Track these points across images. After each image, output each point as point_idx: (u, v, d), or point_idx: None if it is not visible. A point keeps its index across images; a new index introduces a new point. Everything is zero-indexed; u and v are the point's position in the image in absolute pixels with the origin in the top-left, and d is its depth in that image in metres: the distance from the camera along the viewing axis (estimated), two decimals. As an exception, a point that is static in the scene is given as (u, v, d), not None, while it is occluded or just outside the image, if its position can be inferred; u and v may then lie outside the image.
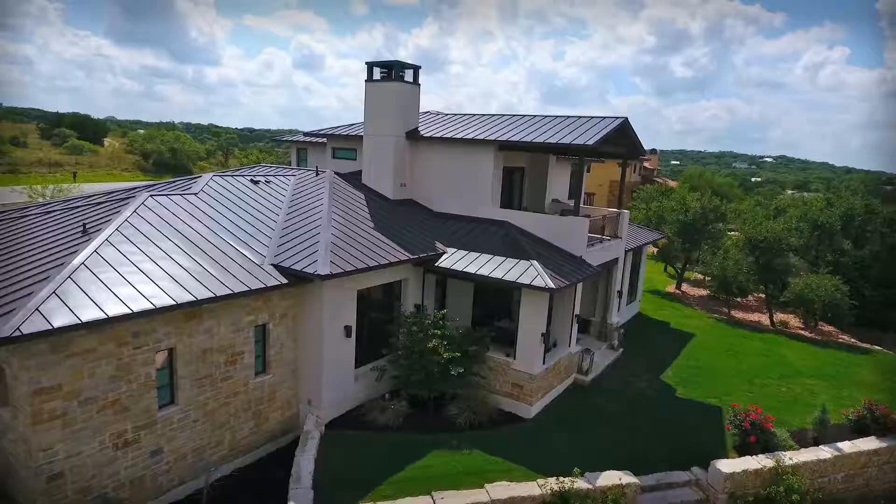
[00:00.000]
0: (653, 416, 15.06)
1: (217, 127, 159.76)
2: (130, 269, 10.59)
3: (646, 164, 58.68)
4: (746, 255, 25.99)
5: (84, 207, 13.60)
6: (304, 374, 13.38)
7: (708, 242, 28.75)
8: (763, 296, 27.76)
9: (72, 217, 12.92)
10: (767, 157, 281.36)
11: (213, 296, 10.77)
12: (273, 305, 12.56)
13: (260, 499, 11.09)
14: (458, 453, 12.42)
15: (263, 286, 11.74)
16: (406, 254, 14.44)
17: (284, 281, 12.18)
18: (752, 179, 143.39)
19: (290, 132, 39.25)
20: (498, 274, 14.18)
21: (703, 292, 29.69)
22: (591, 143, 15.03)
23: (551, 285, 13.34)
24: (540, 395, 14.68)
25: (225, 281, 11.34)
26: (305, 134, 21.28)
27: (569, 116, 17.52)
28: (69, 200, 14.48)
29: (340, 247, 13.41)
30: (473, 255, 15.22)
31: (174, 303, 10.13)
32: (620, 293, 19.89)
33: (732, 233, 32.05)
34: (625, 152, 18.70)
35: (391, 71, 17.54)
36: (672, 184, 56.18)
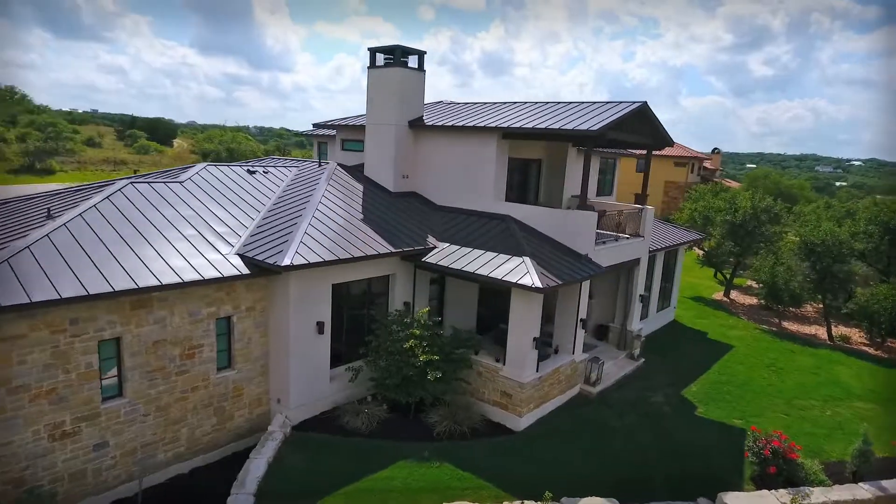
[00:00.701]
0: (663, 436, 13.34)
1: (287, 130, 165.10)
2: (78, 255, 10.21)
3: (706, 164, 54.94)
4: (801, 261, 23.28)
5: (68, 194, 13.55)
6: (274, 371, 12.69)
7: (760, 246, 26.08)
8: (822, 306, 24.83)
9: (51, 203, 12.83)
10: (856, 160, 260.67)
11: (158, 284, 10.21)
12: (238, 297, 11.92)
13: (202, 502, 10.40)
14: (426, 466, 11.31)
15: (219, 276, 11.11)
16: (387, 247, 13.48)
17: (245, 272, 11.52)
18: (837, 184, 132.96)
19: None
20: (484, 271, 12.96)
21: (754, 301, 26.97)
22: (595, 128, 13.52)
23: (538, 284, 11.98)
24: (532, 405, 13.30)
25: (178, 269, 10.79)
26: (314, 125, 20.79)
27: (582, 102, 16.01)
28: (60, 191, 14.50)
29: (316, 238, 12.64)
30: (464, 250, 14.06)
31: (111, 290, 9.62)
32: (644, 298, 18.07)
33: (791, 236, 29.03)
34: (649, 142, 16.94)
35: (394, 56, 16.64)
36: (733, 185, 52.34)
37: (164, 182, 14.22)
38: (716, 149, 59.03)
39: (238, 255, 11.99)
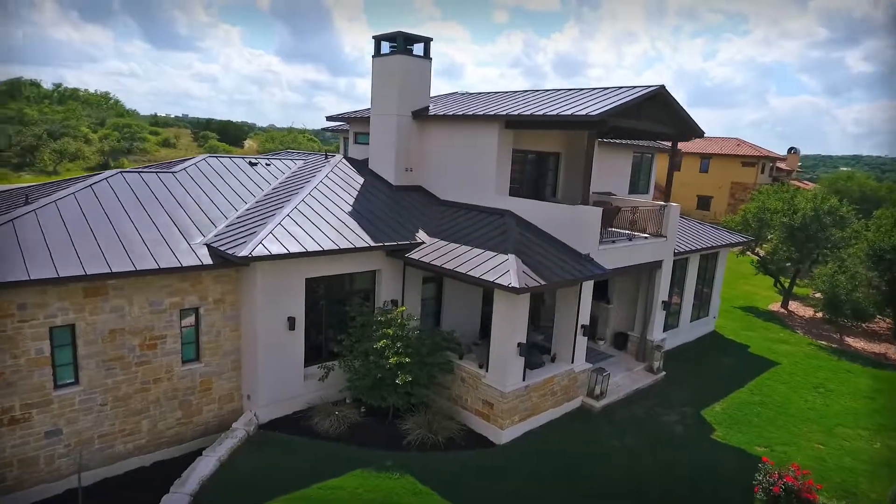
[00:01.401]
0: (665, 461, 11.80)
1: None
2: (35, 240, 10.17)
3: (779, 165, 50.59)
4: (869, 270, 20.50)
5: (67, 184, 13.80)
6: (245, 366, 12.28)
7: (823, 252, 23.30)
8: (893, 322, 21.80)
9: (41, 192, 13.07)
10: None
11: (108, 272, 9.99)
12: (205, 289, 11.58)
13: (144, 496, 10.04)
14: (384, 476, 10.47)
15: (177, 266, 10.79)
16: (366, 241, 12.76)
17: (208, 262, 11.14)
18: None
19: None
20: (464, 268, 11.96)
21: (816, 314, 24.12)
22: (594, 114, 12.17)
23: (515, 284, 10.84)
24: (516, 417, 12.14)
25: (135, 258, 10.55)
26: (327, 118, 20.44)
27: (597, 88, 14.61)
28: (62, 182, 14.84)
29: (289, 230, 12.12)
30: (451, 246, 13.11)
31: (55, 276, 9.47)
32: (667, 305, 16.32)
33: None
34: (672, 132, 15.27)
35: (396, 43, 15.92)
36: (807, 186, 47.85)
37: (155, 172, 14.22)
38: (792, 148, 54.24)
39: (206, 245, 11.66)
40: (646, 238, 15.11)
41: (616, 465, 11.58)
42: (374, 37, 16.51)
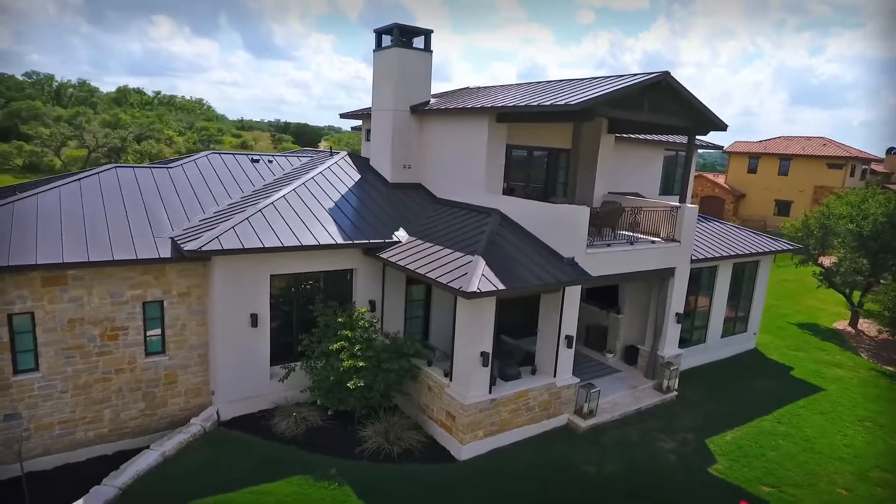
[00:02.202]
0: (648, 497, 10.46)
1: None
2: (2, 232, 10.55)
3: (875, 167, 45.23)
4: (950, 287, 17.54)
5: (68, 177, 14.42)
6: (211, 361, 12.21)
7: (900, 265, 20.29)
8: None
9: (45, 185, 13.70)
10: None
11: (61, 262, 10.17)
12: (169, 282, 11.61)
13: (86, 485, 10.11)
14: (323, 485, 9.95)
15: (132, 258, 10.85)
16: (332, 238, 12.32)
17: (165, 255, 11.13)
18: None
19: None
20: (424, 269, 11.21)
21: (882, 334, 21.04)
22: (573, 103, 11.02)
23: (467, 288, 9.96)
24: (480, 432, 11.22)
25: (92, 249, 10.71)
26: (341, 115, 20.25)
27: (599, 77, 13.36)
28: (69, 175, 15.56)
29: (255, 225, 11.91)
30: (425, 245, 12.39)
31: (6, 264, 9.74)
32: (681, 317, 14.66)
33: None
34: (685, 125, 13.68)
35: (392, 35, 15.42)
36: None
37: (149, 167, 14.57)
38: (892, 149, 48.31)
39: (171, 238, 11.69)
40: (653, 243, 13.63)
41: (589, 496, 10.39)
42: (374, 30, 16.10)
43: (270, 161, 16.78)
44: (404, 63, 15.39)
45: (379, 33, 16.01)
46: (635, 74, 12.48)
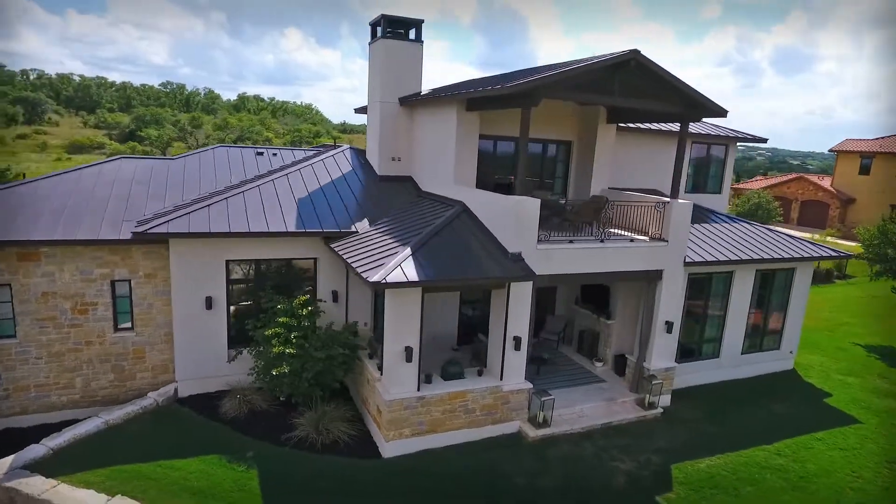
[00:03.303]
0: (568, 515, 9.47)
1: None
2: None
3: None
4: None
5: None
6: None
7: None
8: None
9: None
10: None
11: (32, 239, 11.22)
12: (135, 263, 12.39)
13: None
14: (232, 466, 10.08)
15: (94, 238, 11.70)
16: (285, 226, 12.46)
17: (125, 237, 11.86)
18: None
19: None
20: (352, 259, 10.98)
21: None
22: (508, 85, 10.22)
23: (371, 278, 9.59)
24: (406, 430, 10.78)
25: (63, 230, 11.70)
26: (356, 111, 20.43)
27: (575, 60, 12.33)
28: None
29: (214, 213, 12.39)
30: (376, 236, 12.16)
31: (-22, 239, 10.91)
32: (670, 325, 13.09)
33: None
34: (673, 110, 12.21)
35: (380, 27, 15.32)
36: None
37: (158, 159, 15.68)
38: None
39: (137, 221, 12.46)
40: (631, 241, 12.33)
41: (501, 507, 9.61)
42: (369, 23, 16.12)
43: (275, 154, 17.40)
44: (391, 55, 15.23)
45: (373, 25, 15.98)
46: (606, 56, 11.35)
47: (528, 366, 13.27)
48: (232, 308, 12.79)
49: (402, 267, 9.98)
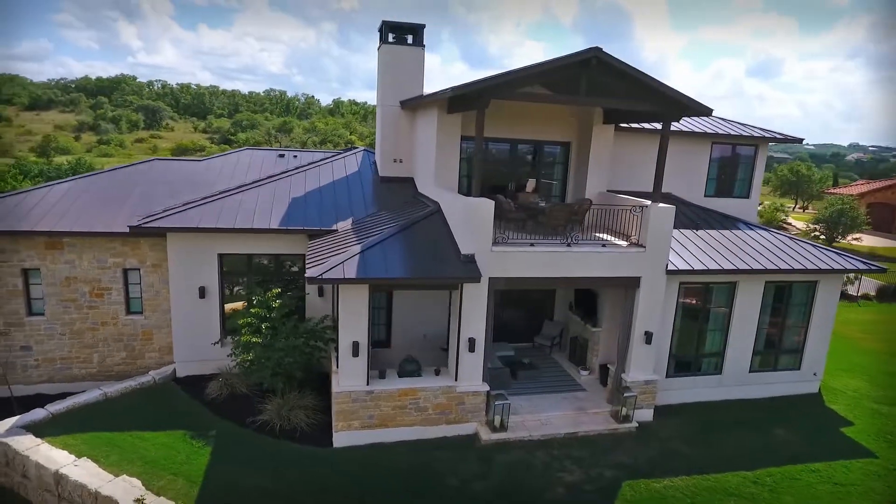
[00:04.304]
0: (490, 519, 9.39)
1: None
2: (36, 205, 13.73)
3: None
4: None
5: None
6: (177, 325, 14.13)
7: None
8: None
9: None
10: None
11: (54, 230, 12.90)
12: (143, 254, 13.79)
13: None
14: (191, 442, 11.00)
15: (106, 231, 13.18)
16: (268, 224, 13.28)
17: (124, 230, 13.19)
18: None
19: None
20: (312, 256, 11.52)
21: None
22: (446, 89, 10.26)
23: (309, 273, 10.08)
24: (355, 423, 11.16)
25: (82, 223, 13.30)
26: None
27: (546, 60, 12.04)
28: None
29: (209, 210, 13.49)
30: (347, 236, 12.64)
31: (19, 230, 12.72)
32: (649, 335, 12.38)
33: None
34: (658, 111, 11.57)
35: (382, 32, 15.81)
36: None
37: (187, 160, 17.25)
38: None
39: (143, 217, 13.84)
40: (603, 246, 11.86)
41: (427, 505, 9.72)
42: (378, 29, 16.65)
43: (295, 156, 18.48)
44: (392, 59, 15.67)
45: (379, 31, 16.51)
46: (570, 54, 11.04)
47: (505, 370, 13.27)
48: (224, 297, 13.85)
49: (344, 264, 10.39)
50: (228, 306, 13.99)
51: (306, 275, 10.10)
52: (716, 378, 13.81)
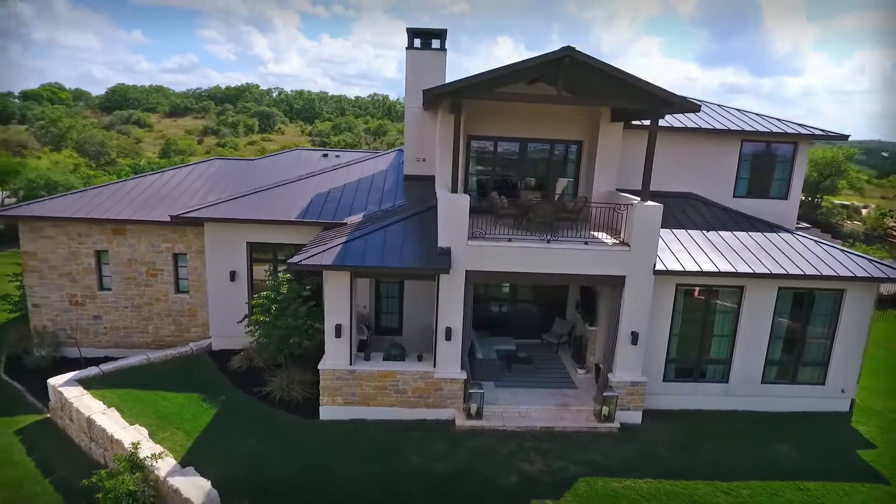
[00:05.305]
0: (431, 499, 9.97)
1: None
2: (114, 194, 16.28)
3: None
4: None
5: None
6: (215, 304, 16.03)
7: None
8: None
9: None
10: None
11: (111, 218, 15.25)
12: (189, 241, 15.82)
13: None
14: (200, 403, 12.62)
15: (157, 220, 15.30)
16: (288, 216, 14.68)
17: (165, 219, 15.19)
18: None
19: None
20: (309, 244, 12.66)
21: None
22: (431, 87, 10.87)
23: (291, 259, 11.21)
24: (339, 399, 12.17)
25: (139, 212, 15.57)
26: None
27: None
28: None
29: (243, 203, 15.19)
30: (349, 227, 13.69)
31: (93, 217, 15.22)
32: (635, 336, 12.12)
33: None
34: (641, 108, 11.41)
35: (408, 38, 16.72)
36: None
37: (246, 160, 19.33)
38: None
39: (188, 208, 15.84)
40: (585, 244, 11.89)
41: (364, 475, 10.48)
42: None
43: (338, 156, 19.96)
44: (415, 63, 16.53)
45: (408, 35, 17.46)
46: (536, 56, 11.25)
47: (498, 362, 13.68)
48: (253, 281, 15.50)
49: (325, 253, 11.43)
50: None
51: (287, 261, 11.27)
52: (721, 387, 13.18)
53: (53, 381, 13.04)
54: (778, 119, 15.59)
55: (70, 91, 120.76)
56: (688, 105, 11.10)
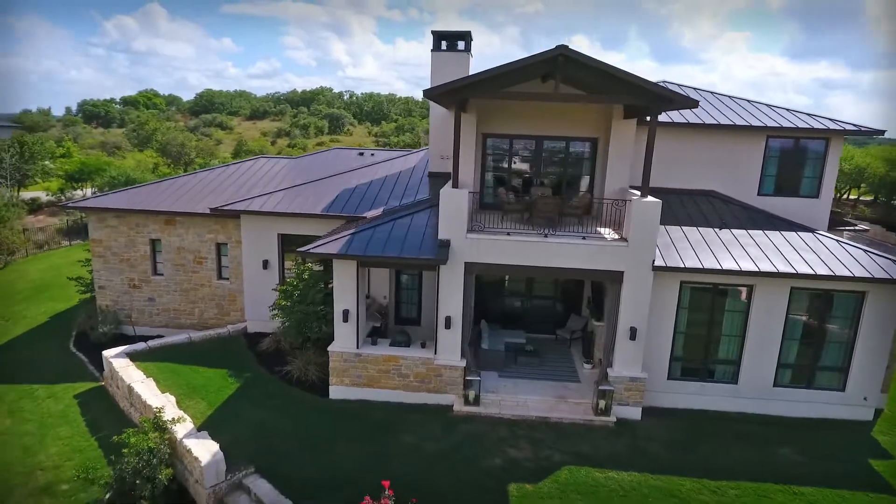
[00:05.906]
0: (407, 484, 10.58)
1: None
2: (167, 188, 18.08)
3: None
4: None
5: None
6: (252, 291, 17.39)
7: None
8: None
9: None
10: None
11: (163, 210, 16.94)
12: (229, 231, 17.27)
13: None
14: (227, 378, 13.88)
15: (200, 212, 16.83)
16: (312, 210, 15.73)
17: (206, 211, 16.66)
18: None
19: None
20: (323, 237, 13.58)
21: None
22: (434, 87, 11.46)
23: (300, 248, 12.14)
24: (346, 380, 13.02)
25: (184, 205, 17.19)
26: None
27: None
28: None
29: (278, 198, 16.44)
30: (368, 223, 14.53)
31: (149, 209, 17.00)
32: (634, 331, 12.11)
33: None
34: (639, 104, 11.45)
35: (433, 40, 17.38)
36: None
37: (286, 158, 20.74)
38: None
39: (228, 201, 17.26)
40: (583, 239, 12.07)
41: (356, 456, 11.20)
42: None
43: (372, 154, 20.95)
44: (440, 64, 17.16)
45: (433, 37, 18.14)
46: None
47: (503, 353, 14.10)
48: (284, 269, 16.71)
49: (332, 243, 12.30)
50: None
51: (297, 250, 12.23)
52: (730, 387, 12.91)
53: (107, 353, 14.76)
54: (807, 114, 14.95)
55: (164, 97, 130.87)
56: (687, 101, 11.05)
